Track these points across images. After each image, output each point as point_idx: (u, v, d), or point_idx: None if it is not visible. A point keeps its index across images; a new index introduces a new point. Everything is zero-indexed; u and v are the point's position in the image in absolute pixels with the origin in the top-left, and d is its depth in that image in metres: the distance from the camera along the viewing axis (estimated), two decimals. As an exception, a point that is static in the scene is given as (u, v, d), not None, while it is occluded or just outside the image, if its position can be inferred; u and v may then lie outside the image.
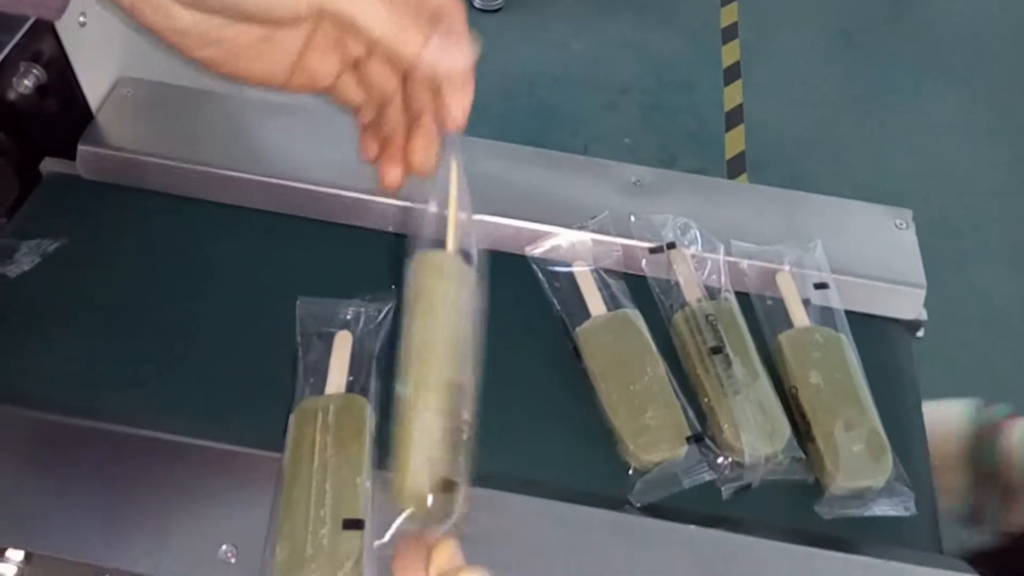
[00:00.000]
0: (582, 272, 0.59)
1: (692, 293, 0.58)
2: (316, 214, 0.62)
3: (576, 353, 0.56)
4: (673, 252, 0.60)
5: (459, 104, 0.38)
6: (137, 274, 0.58)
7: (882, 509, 0.50)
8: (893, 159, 1.87)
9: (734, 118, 1.93)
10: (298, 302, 0.54)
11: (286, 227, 0.62)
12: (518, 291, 0.59)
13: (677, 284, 0.59)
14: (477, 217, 0.60)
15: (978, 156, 1.91)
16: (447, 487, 0.34)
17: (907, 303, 0.60)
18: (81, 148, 0.62)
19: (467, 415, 0.36)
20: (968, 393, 1.51)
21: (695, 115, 1.94)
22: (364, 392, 0.51)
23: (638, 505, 0.50)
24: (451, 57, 0.36)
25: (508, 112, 1.87)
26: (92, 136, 0.62)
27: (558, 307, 0.58)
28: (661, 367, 0.54)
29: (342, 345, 0.52)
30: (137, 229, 0.61)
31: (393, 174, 0.41)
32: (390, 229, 0.61)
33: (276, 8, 0.34)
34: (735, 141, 1.89)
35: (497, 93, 1.92)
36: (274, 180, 0.61)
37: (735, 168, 1.82)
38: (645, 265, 0.61)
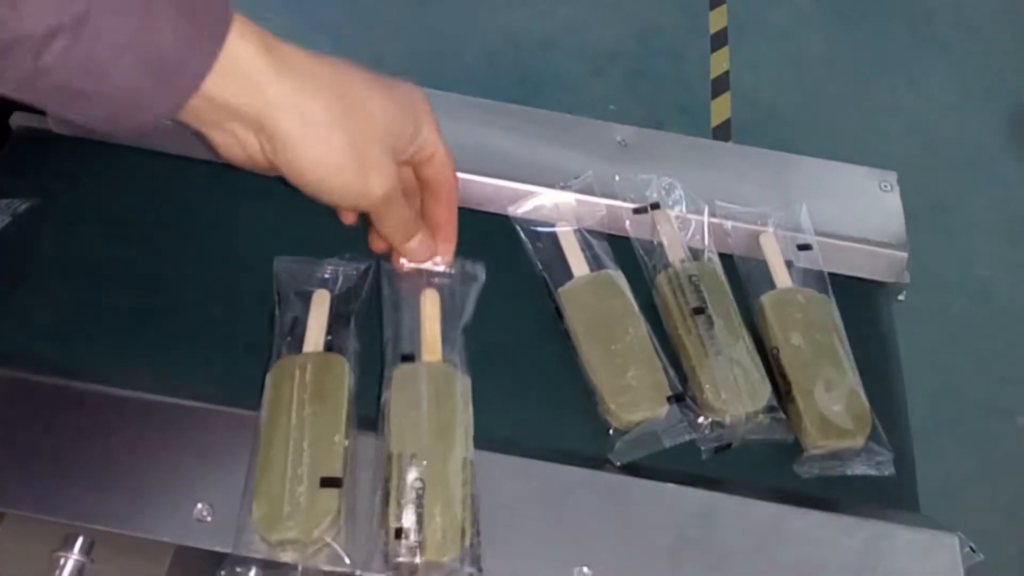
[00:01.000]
0: (565, 232, 0.58)
1: (675, 254, 0.58)
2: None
3: (558, 313, 0.56)
4: (657, 212, 0.60)
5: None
6: (111, 232, 0.57)
7: (861, 469, 0.51)
8: (881, 127, 1.86)
9: (720, 85, 1.92)
10: (275, 261, 0.53)
11: (264, 183, 0.60)
12: (500, 251, 0.58)
13: (660, 245, 0.59)
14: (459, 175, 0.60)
15: (967, 125, 1.91)
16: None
17: (890, 266, 0.60)
18: (51, 102, 0.60)
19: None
20: (947, 359, 1.53)
21: (681, 82, 1.92)
22: (342, 352, 0.50)
23: (618, 464, 0.50)
24: (425, 255, 0.51)
25: (492, 78, 1.85)
26: (62, 90, 0.61)
27: (540, 267, 0.57)
28: (643, 327, 0.54)
29: (320, 304, 0.51)
30: (111, 185, 0.59)
31: (407, 263, 0.51)
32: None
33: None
34: (721, 108, 1.87)
35: (482, 58, 1.89)
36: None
37: (720, 136, 1.81)
38: (629, 225, 0.60)
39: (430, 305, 0.51)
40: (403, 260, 0.51)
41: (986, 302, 1.60)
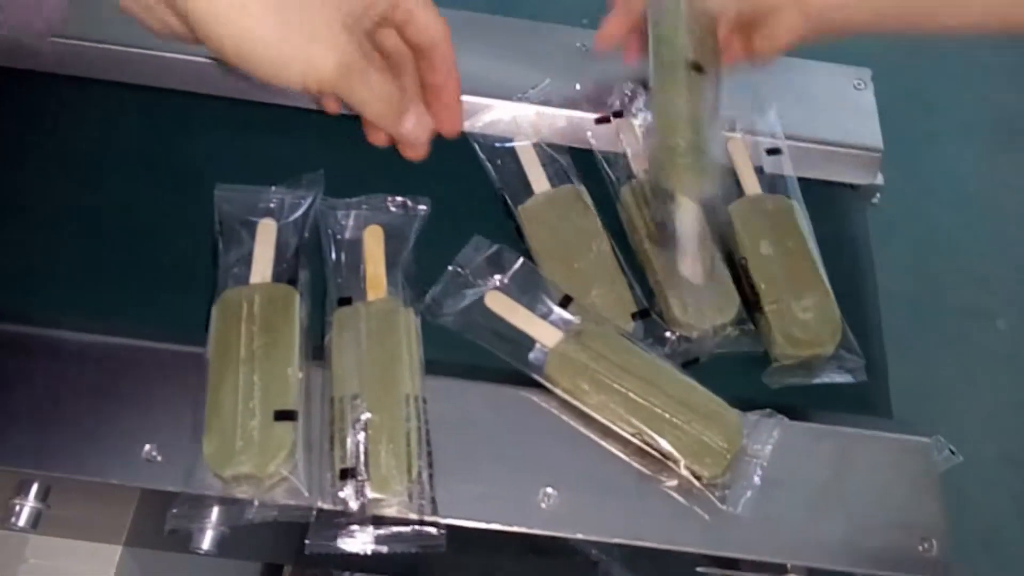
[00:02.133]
0: (524, 147, 0.56)
1: (641, 164, 0.55)
2: (232, 92, 0.56)
3: (519, 234, 0.53)
4: (620, 121, 0.57)
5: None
6: (38, 165, 0.54)
7: (831, 376, 0.50)
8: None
9: (698, -8, 1.85)
10: (216, 190, 0.50)
11: (199, 107, 0.57)
12: (456, 170, 0.55)
13: (625, 156, 0.56)
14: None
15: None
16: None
17: (863, 168, 0.58)
18: (-33, 29, 0.56)
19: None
20: (928, 263, 1.52)
21: (658, -9, 1.85)
22: (292, 282, 0.48)
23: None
24: (424, 134, 0.42)
25: (461, -8, 1.77)
26: (-21, 15, 0.56)
27: (499, 185, 0.55)
28: (607, 244, 0.52)
29: (266, 234, 0.49)
30: (35, 116, 0.56)
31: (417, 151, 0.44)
32: (315, 106, 0.57)
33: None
34: (699, 17, 1.81)
35: (449, -29, 1.81)
36: (184, 56, 0.56)
37: (699, 45, 1.75)
38: (591, 136, 0.57)
39: (373, 241, 0.49)
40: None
41: (968, 205, 1.59)
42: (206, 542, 0.43)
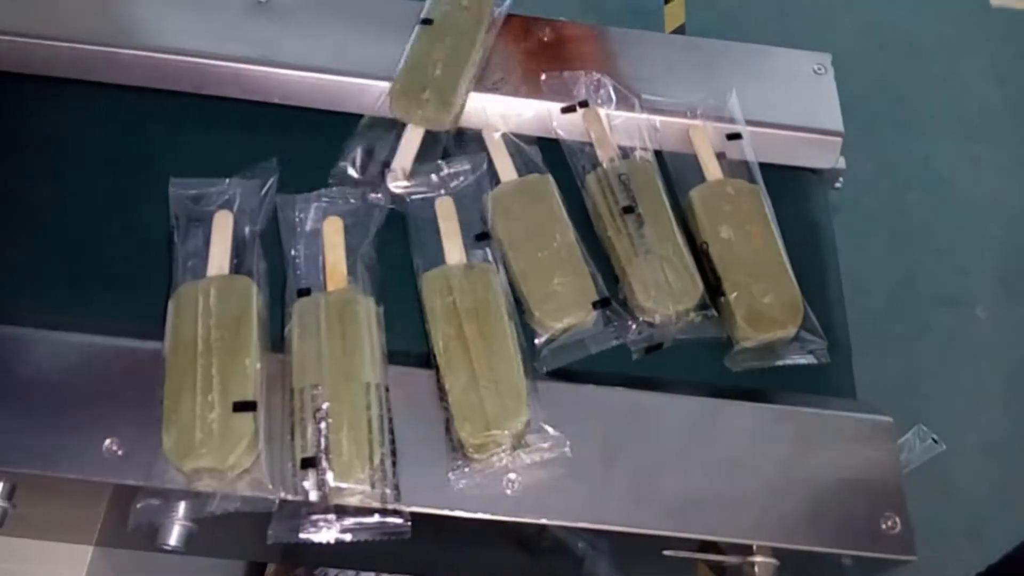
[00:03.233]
0: (492, 136, 0.56)
1: (606, 153, 0.55)
2: (190, 87, 0.56)
3: (483, 222, 0.53)
4: (586, 111, 0.57)
5: None
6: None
7: (794, 358, 0.50)
8: (839, 24, 1.82)
9: (674, -11, 1.86)
10: (171, 183, 0.50)
11: (153, 102, 0.56)
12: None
13: (591, 144, 0.56)
14: (374, 83, 0.56)
15: (925, 19, 1.87)
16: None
17: (824, 152, 0.58)
18: (-78, 28, 0.55)
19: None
20: (907, 253, 1.52)
21: (635, -12, 1.86)
22: (250, 273, 0.48)
23: (545, 371, 0.48)
24: None
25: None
26: (-66, 13, 0.56)
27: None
28: (571, 233, 0.52)
29: (222, 225, 0.49)
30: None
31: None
32: (276, 100, 0.57)
33: None
34: (675, 14, 1.82)
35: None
36: (140, 52, 0.55)
37: (675, 42, 1.76)
38: (557, 126, 0.57)
39: (333, 232, 0.49)
40: None
41: (945, 196, 1.60)
42: (173, 538, 0.43)
